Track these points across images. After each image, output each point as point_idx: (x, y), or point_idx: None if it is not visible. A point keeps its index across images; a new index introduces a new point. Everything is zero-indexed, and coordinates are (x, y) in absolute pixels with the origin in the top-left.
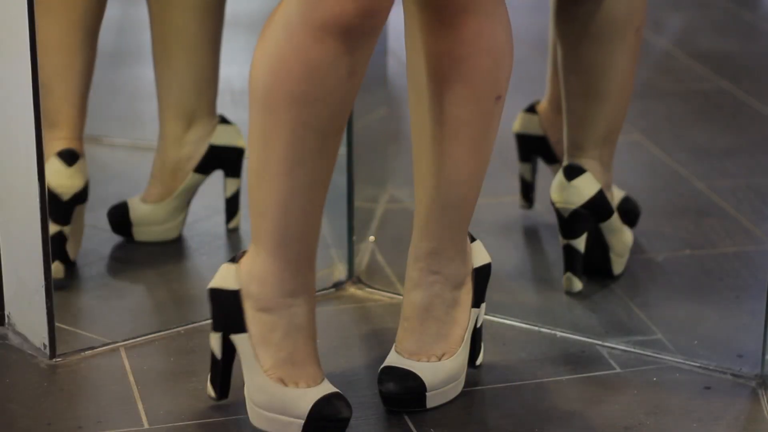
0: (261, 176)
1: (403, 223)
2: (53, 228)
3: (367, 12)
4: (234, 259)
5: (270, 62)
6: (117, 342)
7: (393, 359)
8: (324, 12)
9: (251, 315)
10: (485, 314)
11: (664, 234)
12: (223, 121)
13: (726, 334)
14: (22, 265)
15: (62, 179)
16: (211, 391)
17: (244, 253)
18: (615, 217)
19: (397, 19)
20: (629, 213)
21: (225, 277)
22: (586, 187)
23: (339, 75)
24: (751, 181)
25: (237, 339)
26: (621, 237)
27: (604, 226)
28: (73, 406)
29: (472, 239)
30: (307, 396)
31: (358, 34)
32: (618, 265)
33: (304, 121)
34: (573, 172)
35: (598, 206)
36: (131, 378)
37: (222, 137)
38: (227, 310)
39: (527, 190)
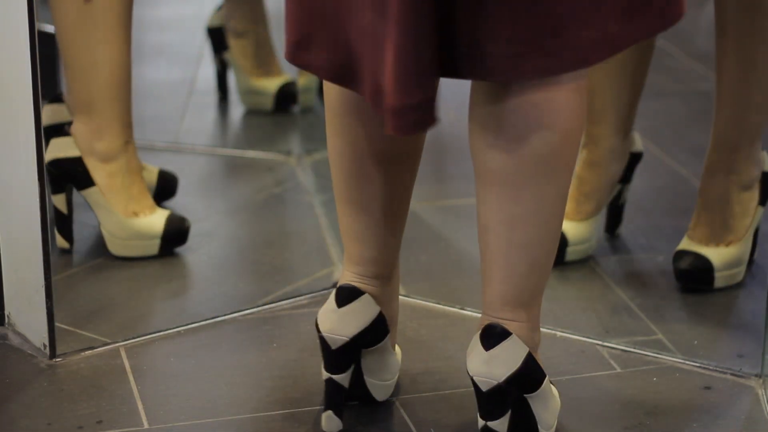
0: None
1: None
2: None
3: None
4: None
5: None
6: (117, 342)
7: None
8: None
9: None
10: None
11: (664, 234)
12: None
13: (726, 334)
14: (22, 265)
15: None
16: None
17: None
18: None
19: None
20: None
21: None
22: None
23: None
24: None
25: None
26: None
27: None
28: (73, 406)
29: None
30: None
31: None
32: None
33: None
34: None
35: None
36: (131, 378)
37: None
38: None
39: None
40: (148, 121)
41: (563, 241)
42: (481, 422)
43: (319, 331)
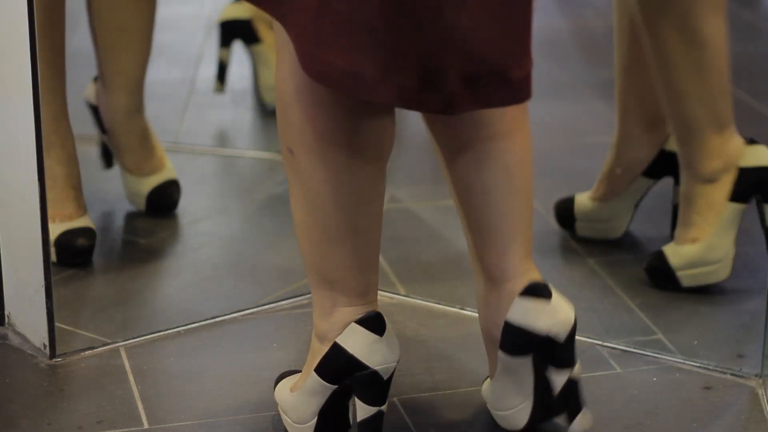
0: None
1: (403, 223)
2: None
3: None
4: None
5: None
6: (117, 342)
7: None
8: None
9: None
10: None
11: (663, 234)
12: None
13: (726, 334)
14: (22, 265)
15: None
16: None
17: None
18: None
19: None
20: None
21: None
22: None
23: None
24: None
25: None
26: None
27: None
28: (73, 406)
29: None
30: None
31: None
32: None
33: None
34: None
35: None
36: (131, 378)
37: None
38: None
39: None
40: (149, 121)
41: (570, 215)
42: (562, 377)
43: (366, 368)
